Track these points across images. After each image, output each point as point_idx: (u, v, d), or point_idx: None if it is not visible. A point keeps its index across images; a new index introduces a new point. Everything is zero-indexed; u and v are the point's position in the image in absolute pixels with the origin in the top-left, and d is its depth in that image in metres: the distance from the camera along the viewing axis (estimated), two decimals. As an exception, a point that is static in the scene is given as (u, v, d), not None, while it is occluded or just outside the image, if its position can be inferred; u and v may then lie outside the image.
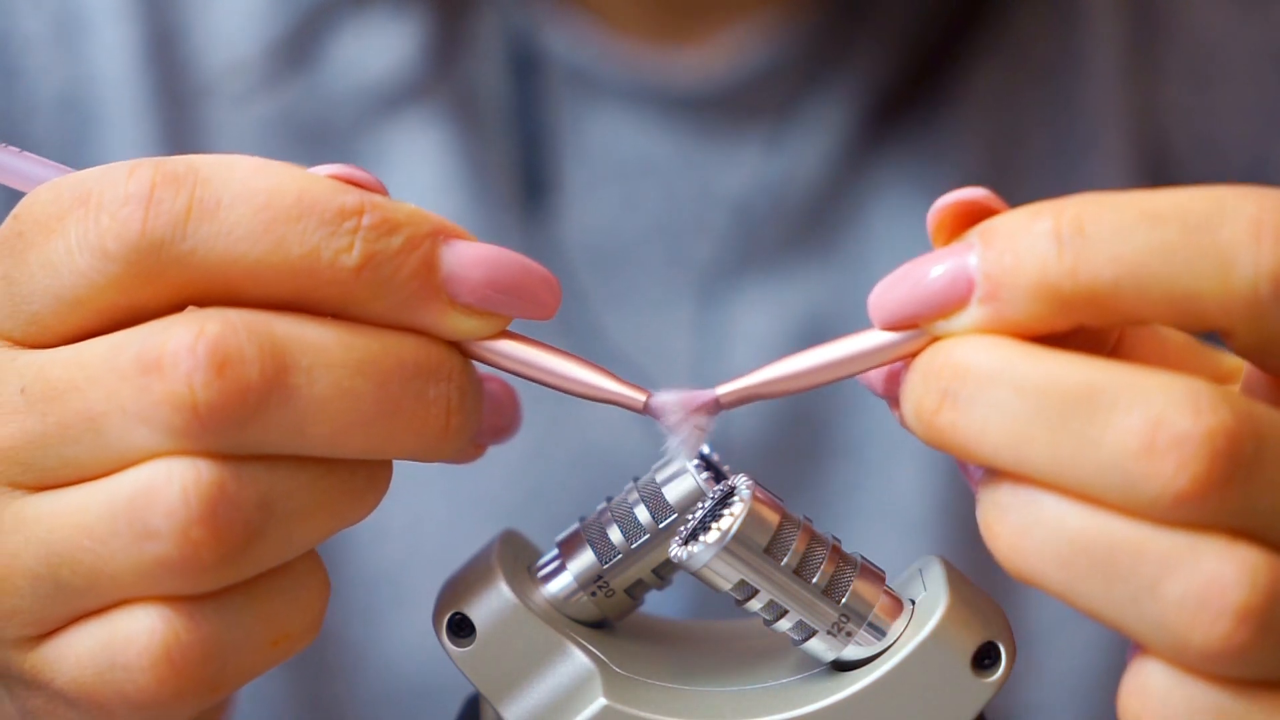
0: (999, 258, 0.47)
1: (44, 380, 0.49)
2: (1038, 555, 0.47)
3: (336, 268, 0.48)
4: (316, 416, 0.48)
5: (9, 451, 0.49)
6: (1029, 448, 0.46)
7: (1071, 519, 0.46)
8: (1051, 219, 0.47)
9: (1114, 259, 0.46)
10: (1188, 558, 0.45)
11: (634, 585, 0.55)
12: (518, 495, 0.89)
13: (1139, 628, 0.46)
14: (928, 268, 0.49)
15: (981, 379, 0.47)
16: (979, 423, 0.47)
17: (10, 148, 0.54)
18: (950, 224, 0.50)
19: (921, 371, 0.49)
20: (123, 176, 0.48)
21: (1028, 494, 0.47)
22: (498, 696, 0.53)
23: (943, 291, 0.48)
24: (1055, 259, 0.46)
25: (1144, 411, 0.45)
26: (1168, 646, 0.46)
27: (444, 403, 0.50)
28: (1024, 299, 0.47)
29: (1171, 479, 0.44)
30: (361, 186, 0.50)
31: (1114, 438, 0.45)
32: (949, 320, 0.49)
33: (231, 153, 0.50)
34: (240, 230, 0.48)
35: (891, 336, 0.50)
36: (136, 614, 0.48)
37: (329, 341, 0.48)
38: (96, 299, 0.48)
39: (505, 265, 0.51)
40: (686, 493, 0.54)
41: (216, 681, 0.49)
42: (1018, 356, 0.47)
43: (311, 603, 0.51)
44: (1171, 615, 0.45)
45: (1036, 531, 0.47)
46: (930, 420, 0.48)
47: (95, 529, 0.48)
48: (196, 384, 0.46)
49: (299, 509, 0.49)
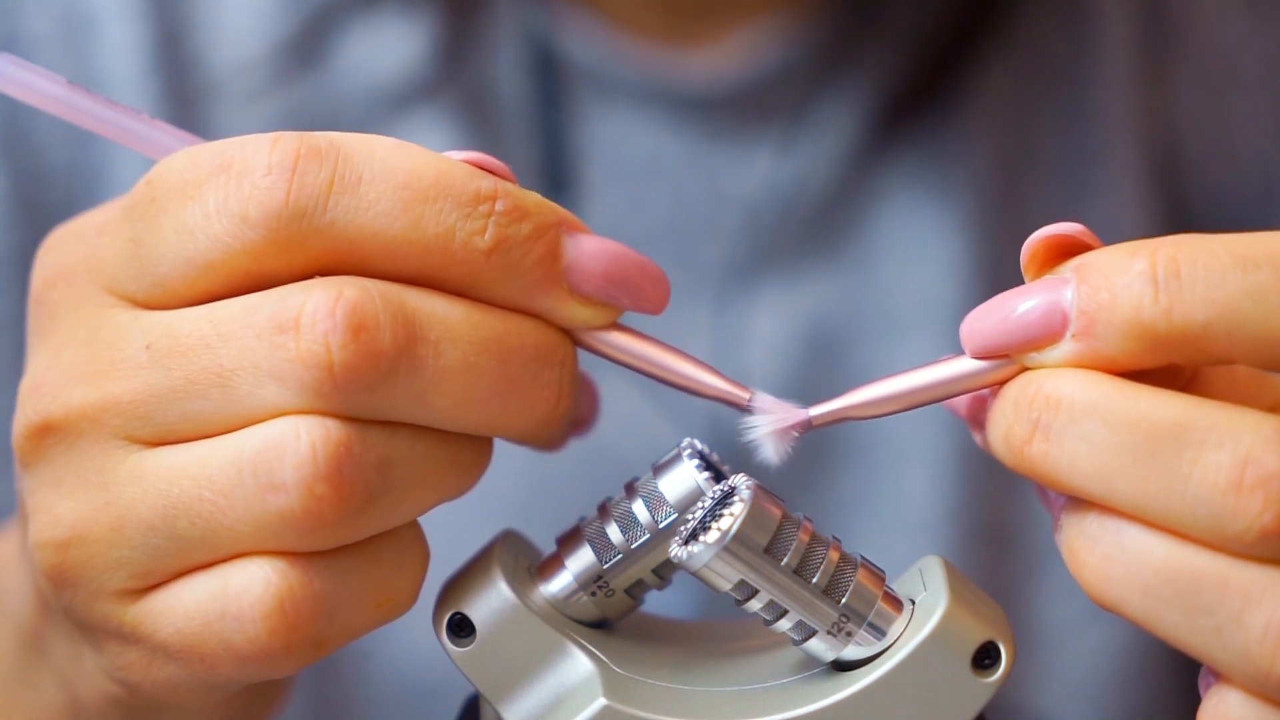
0: (1095, 295, 0.48)
1: (172, 337, 0.50)
2: (1123, 584, 0.48)
3: (469, 249, 0.50)
4: (440, 388, 0.50)
5: (130, 405, 0.51)
6: (1118, 480, 0.48)
7: (1157, 550, 0.48)
8: (1147, 259, 0.48)
9: (1208, 301, 0.47)
10: (1271, 591, 0.46)
11: (634, 585, 0.55)
12: (522, 497, 0.89)
13: (1221, 657, 0.47)
14: (1022, 300, 0.50)
15: (1075, 412, 0.48)
16: (1070, 454, 0.48)
17: (143, 114, 0.55)
18: (1043, 256, 0.51)
19: (1013, 401, 0.50)
20: (266, 147, 0.50)
21: (1115, 524, 0.48)
22: (497, 696, 0.53)
23: (1037, 324, 0.50)
24: (1151, 299, 0.47)
25: (1233, 449, 0.46)
26: (1248, 676, 0.47)
27: (555, 387, 0.52)
28: (1118, 336, 0.48)
29: (1258, 516, 0.46)
30: (493, 173, 0.52)
31: (1202, 473, 0.46)
32: (1041, 353, 0.50)
33: None
34: (380, 206, 0.50)
35: (982, 364, 0.51)
36: (250, 567, 0.50)
37: (457, 318, 0.50)
38: (229, 264, 0.50)
39: (623, 259, 0.53)
40: (686, 493, 0.54)
41: (323, 638, 0.51)
42: (1110, 391, 0.48)
43: (414, 570, 0.53)
44: (1253, 647, 0.46)
45: (1122, 560, 0.48)
46: (1021, 449, 0.49)
47: (218, 480, 0.49)
48: (334, 344, 0.48)
49: (413, 476, 0.50)
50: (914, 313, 0.94)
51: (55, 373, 0.52)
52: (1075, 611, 0.93)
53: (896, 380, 0.53)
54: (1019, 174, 0.95)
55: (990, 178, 0.95)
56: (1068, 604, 0.93)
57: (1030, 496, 0.93)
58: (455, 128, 0.92)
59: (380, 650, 0.91)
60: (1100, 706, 0.95)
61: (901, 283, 0.94)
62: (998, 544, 0.94)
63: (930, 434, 0.93)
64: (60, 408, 0.51)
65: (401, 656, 0.91)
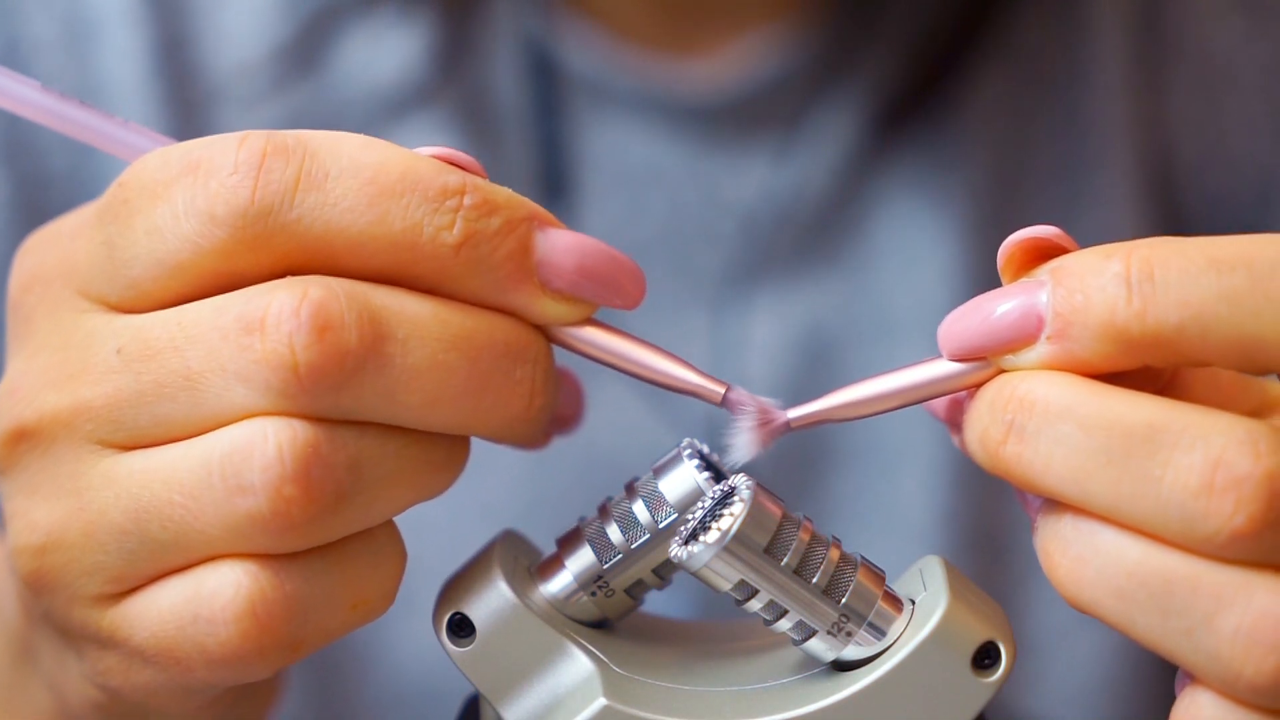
0: (1069, 297, 0.48)
1: (141, 341, 0.50)
2: (1096, 585, 0.48)
3: (437, 244, 0.50)
4: (409, 386, 0.49)
5: (102, 410, 0.50)
6: (1091, 482, 0.48)
7: (1130, 552, 0.48)
8: (1122, 262, 0.48)
9: (1181, 304, 0.47)
10: (1242, 593, 0.46)
11: (634, 585, 0.55)
12: (522, 498, 0.89)
13: (1192, 659, 0.47)
14: (998, 302, 0.50)
15: (1048, 414, 0.48)
16: (1044, 456, 0.48)
17: (117, 118, 0.55)
18: (1020, 259, 0.51)
19: (989, 402, 0.50)
20: (233, 146, 0.50)
21: (1088, 526, 0.49)
22: (498, 696, 0.53)
23: (1013, 327, 0.50)
24: (1125, 302, 0.47)
25: (1205, 451, 0.46)
26: (1219, 678, 0.47)
27: (529, 384, 0.52)
28: (1092, 339, 0.48)
29: (1229, 518, 0.46)
30: (462, 168, 0.51)
31: (1175, 476, 0.46)
32: (1017, 355, 0.50)
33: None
34: (346, 202, 0.49)
35: (958, 367, 0.52)
36: (222, 570, 0.50)
37: (425, 315, 0.50)
38: (199, 264, 0.50)
39: (595, 254, 0.52)
40: (686, 493, 0.54)
41: (297, 640, 0.50)
42: (1084, 393, 0.48)
43: (390, 571, 0.52)
44: (1224, 648, 0.46)
45: (1095, 562, 0.48)
46: (995, 451, 0.50)
47: (187, 484, 0.49)
48: (298, 345, 0.48)
49: (385, 476, 0.50)
50: (910, 319, 0.94)
51: (30, 378, 0.52)
52: (1069, 616, 0.93)
53: (874, 382, 0.53)
54: (1015, 181, 0.95)
55: (986, 185, 0.95)
56: (1061, 609, 0.93)
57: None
58: (453, 133, 0.92)
59: (380, 650, 0.91)
60: (1094, 711, 0.95)
61: (898, 289, 0.94)
62: (991, 549, 0.94)
63: (924, 439, 0.93)
64: (34, 413, 0.51)
65: (401, 657, 0.91)
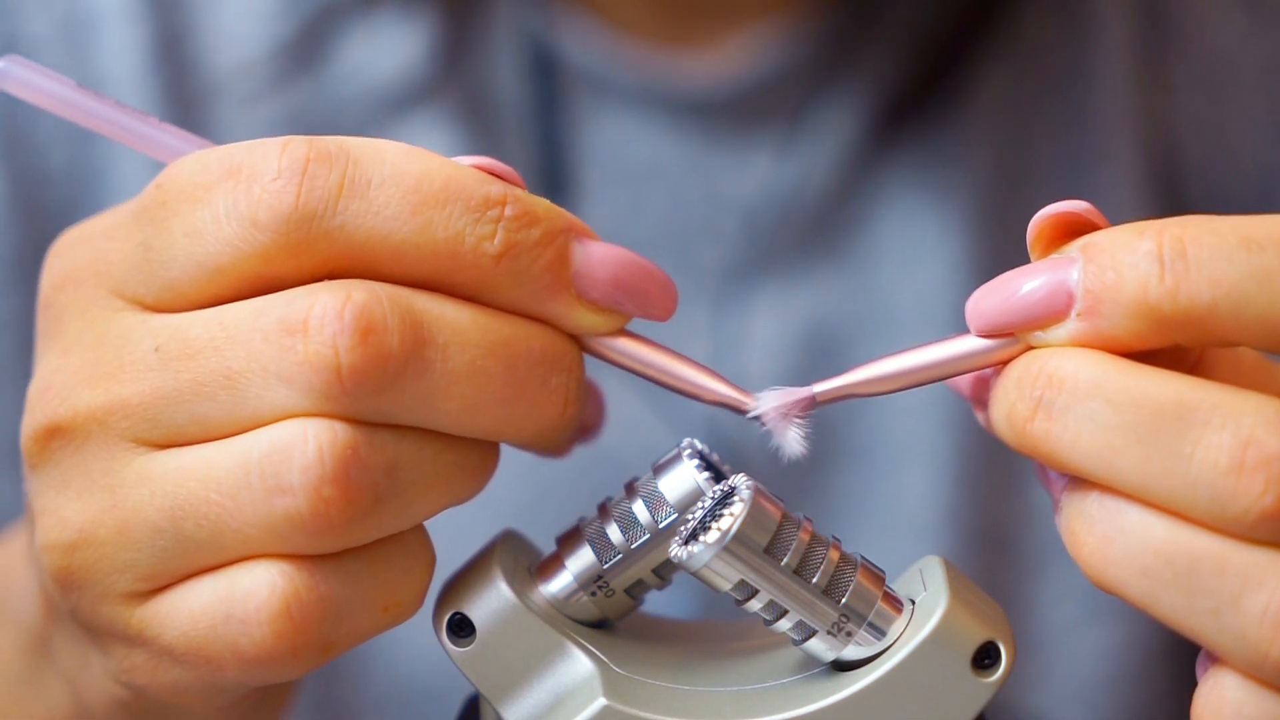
0: (1101, 274, 0.48)
1: (180, 340, 0.50)
2: (1121, 564, 0.48)
3: (478, 253, 0.50)
4: (448, 391, 0.50)
5: (138, 408, 0.51)
6: (1119, 459, 0.47)
7: (1157, 530, 0.47)
8: (1154, 239, 0.48)
9: (1214, 282, 0.47)
10: (1270, 574, 0.46)
11: (634, 585, 0.55)
12: (523, 499, 0.89)
13: (1218, 639, 0.47)
14: (1028, 278, 0.50)
15: (1077, 390, 0.48)
16: (1072, 433, 0.48)
17: (151, 118, 0.55)
18: (1049, 235, 0.51)
19: (1016, 379, 0.50)
20: (276, 151, 0.50)
21: (1115, 504, 0.48)
22: (497, 696, 0.53)
23: (1043, 303, 0.50)
24: (1156, 280, 0.47)
25: (1235, 430, 0.46)
26: (1245, 659, 0.47)
27: (563, 392, 0.52)
28: (1123, 316, 0.48)
29: (1259, 497, 0.46)
30: (502, 179, 0.52)
31: (1204, 454, 0.46)
32: (1046, 332, 0.50)
33: None
34: (389, 210, 0.50)
35: (986, 343, 0.52)
36: (257, 570, 0.50)
37: (465, 322, 0.50)
38: (238, 268, 0.50)
39: (630, 266, 0.53)
40: (686, 493, 0.54)
41: (330, 641, 0.51)
42: (1114, 370, 0.48)
43: (421, 574, 0.53)
44: (1251, 629, 0.46)
45: (1121, 541, 0.48)
46: (1023, 427, 0.49)
47: (225, 483, 0.49)
48: (341, 347, 0.48)
49: (420, 480, 0.51)
50: (912, 315, 0.94)
51: (63, 375, 0.52)
52: (1074, 613, 0.93)
53: (901, 358, 0.53)
54: (1017, 177, 0.95)
55: (989, 181, 0.95)
56: (1066, 606, 0.93)
57: (1029, 498, 0.93)
58: (454, 130, 0.92)
59: (381, 651, 0.91)
60: (1098, 708, 0.95)
61: (900, 285, 0.94)
62: (996, 546, 0.94)
63: (929, 436, 0.93)
64: (68, 410, 0.52)
65: (402, 657, 0.91)
